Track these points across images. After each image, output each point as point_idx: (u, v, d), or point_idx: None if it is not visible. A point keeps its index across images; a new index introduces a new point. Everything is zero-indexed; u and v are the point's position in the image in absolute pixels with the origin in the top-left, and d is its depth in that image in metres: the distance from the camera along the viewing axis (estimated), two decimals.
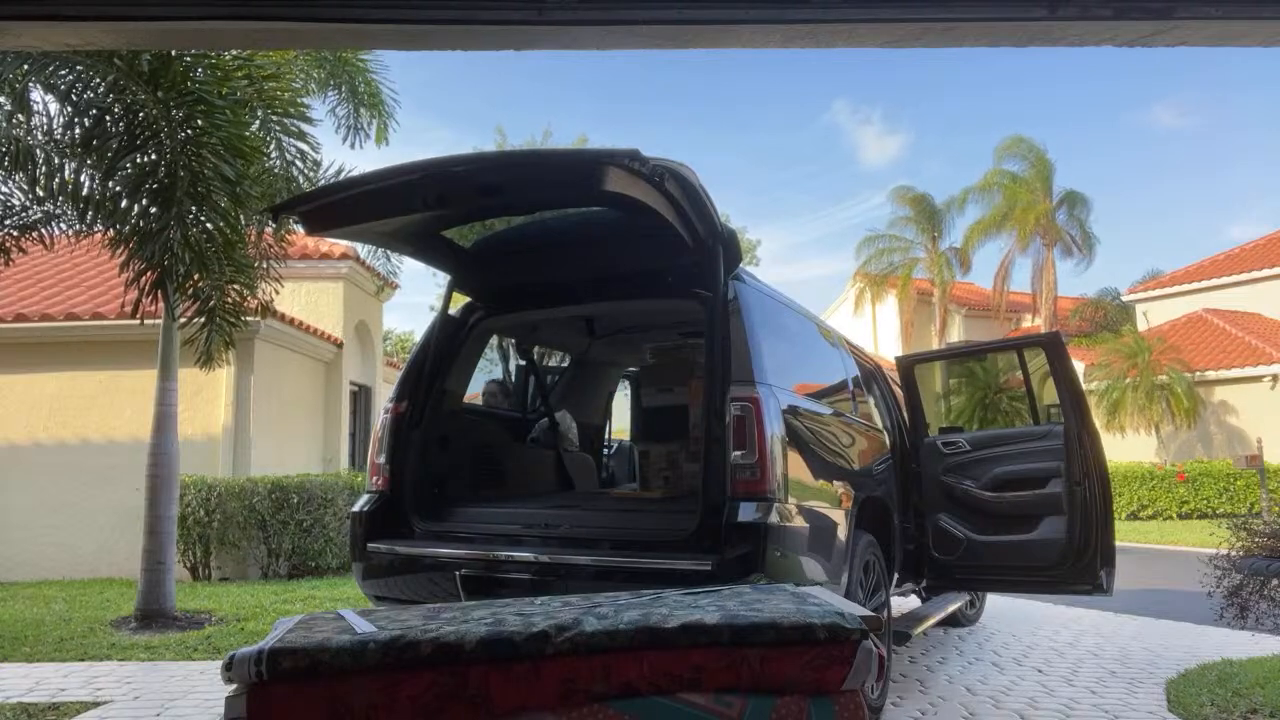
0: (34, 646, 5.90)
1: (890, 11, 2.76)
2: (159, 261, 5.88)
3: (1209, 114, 61.23)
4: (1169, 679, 5.12)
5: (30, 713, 4.38)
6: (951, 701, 4.68)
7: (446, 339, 4.62)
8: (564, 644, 2.02)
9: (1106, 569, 5.08)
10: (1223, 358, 21.29)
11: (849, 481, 4.32)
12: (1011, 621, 7.19)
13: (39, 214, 7.02)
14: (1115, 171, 58.65)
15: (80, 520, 9.61)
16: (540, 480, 5.61)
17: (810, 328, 4.89)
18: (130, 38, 3.17)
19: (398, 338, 33.70)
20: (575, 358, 6.49)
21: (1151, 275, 30.11)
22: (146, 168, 5.97)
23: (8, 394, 10.05)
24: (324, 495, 9.45)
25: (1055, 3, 2.71)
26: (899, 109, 63.46)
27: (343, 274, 12.87)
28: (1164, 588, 9.16)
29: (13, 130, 6.29)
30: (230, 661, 1.97)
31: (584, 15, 2.71)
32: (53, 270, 11.75)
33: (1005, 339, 20.55)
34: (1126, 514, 17.71)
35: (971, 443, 5.62)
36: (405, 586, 4.14)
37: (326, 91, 8.11)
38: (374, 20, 2.77)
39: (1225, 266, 25.60)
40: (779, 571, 3.43)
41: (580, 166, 3.70)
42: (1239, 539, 6.44)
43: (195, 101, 5.90)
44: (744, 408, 3.55)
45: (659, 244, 3.97)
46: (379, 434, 4.43)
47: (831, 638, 2.09)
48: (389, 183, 3.69)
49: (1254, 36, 2.92)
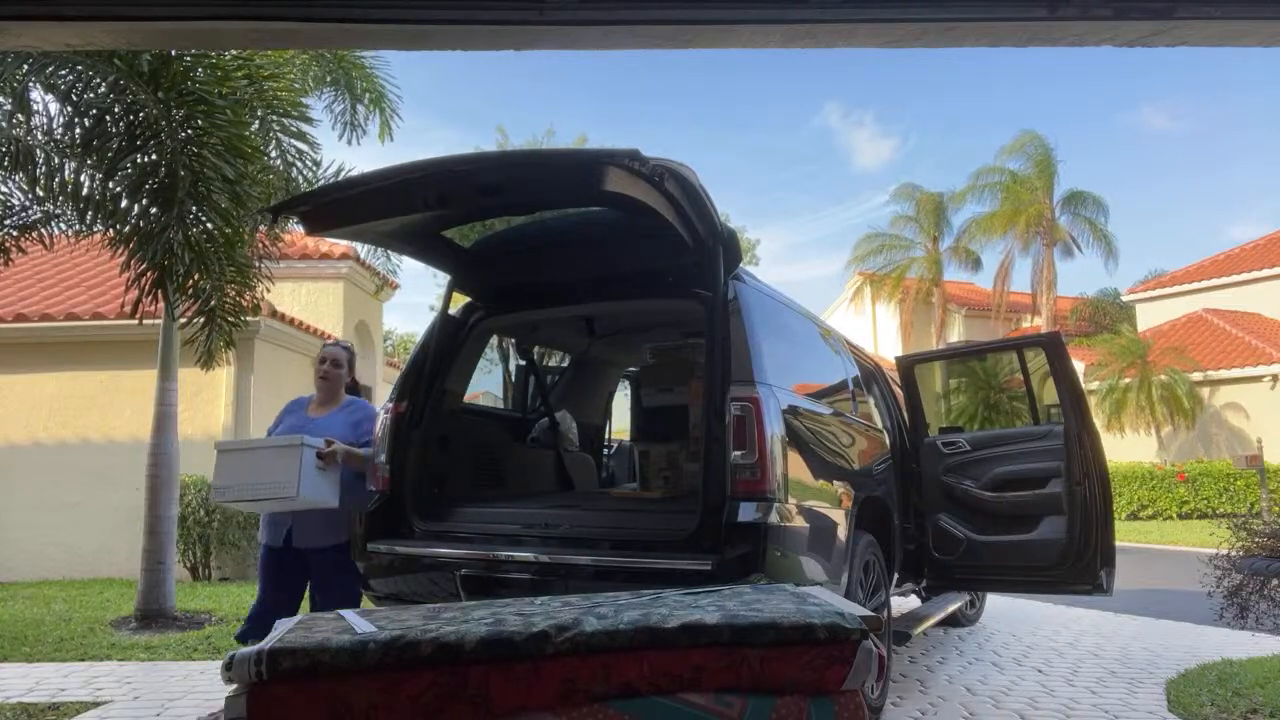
0: (34, 646, 5.90)
1: (890, 11, 2.75)
2: (159, 261, 5.88)
3: (1209, 114, 61.29)
4: (1169, 679, 5.12)
5: (30, 713, 4.38)
6: (951, 701, 4.68)
7: (446, 339, 4.62)
8: (564, 644, 2.02)
9: (1106, 569, 5.08)
10: (1223, 358, 21.29)
11: (849, 481, 4.32)
12: (1011, 621, 7.19)
13: (39, 214, 7.02)
14: (1115, 171, 58.75)
15: (80, 520, 9.61)
16: (540, 480, 5.61)
17: (810, 328, 4.89)
18: (130, 38, 3.17)
19: (399, 338, 33.70)
20: (575, 358, 6.49)
21: (1152, 275, 30.12)
22: (147, 168, 5.97)
23: (8, 394, 10.05)
24: None
25: (1055, 3, 2.71)
26: (894, 110, 63.59)
27: (343, 274, 12.87)
28: (1164, 588, 9.16)
29: (13, 130, 6.29)
30: (230, 661, 1.98)
31: (584, 15, 2.71)
32: (53, 270, 11.75)
33: (1005, 339, 20.58)
34: (1126, 514, 17.72)
35: (971, 443, 5.62)
36: (405, 586, 4.14)
37: (323, 89, 8.11)
38: (374, 20, 2.77)
39: (1225, 266, 25.60)
40: (779, 571, 3.42)
41: (580, 166, 3.70)
42: (1239, 539, 6.44)
43: (195, 101, 5.90)
44: (744, 408, 3.55)
45: (659, 244, 3.97)
46: (379, 434, 4.43)
47: (831, 638, 2.09)
48: (389, 183, 3.69)
49: (1254, 36, 2.92)
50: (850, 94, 62.99)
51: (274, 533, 4.32)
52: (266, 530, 4.38)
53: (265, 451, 4.15)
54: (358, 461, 4.29)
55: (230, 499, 4.21)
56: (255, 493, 4.06)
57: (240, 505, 4.52)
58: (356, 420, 4.46)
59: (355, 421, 4.45)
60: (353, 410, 4.53)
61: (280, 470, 4.00)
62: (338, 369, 4.52)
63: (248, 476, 4.08)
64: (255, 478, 4.05)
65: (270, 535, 4.35)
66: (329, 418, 4.41)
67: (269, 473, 4.03)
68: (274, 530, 4.33)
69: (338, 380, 4.54)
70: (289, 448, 4.06)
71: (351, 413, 4.51)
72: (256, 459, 4.13)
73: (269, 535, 4.35)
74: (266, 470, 4.04)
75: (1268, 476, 16.22)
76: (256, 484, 4.05)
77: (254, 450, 4.27)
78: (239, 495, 4.14)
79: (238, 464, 4.15)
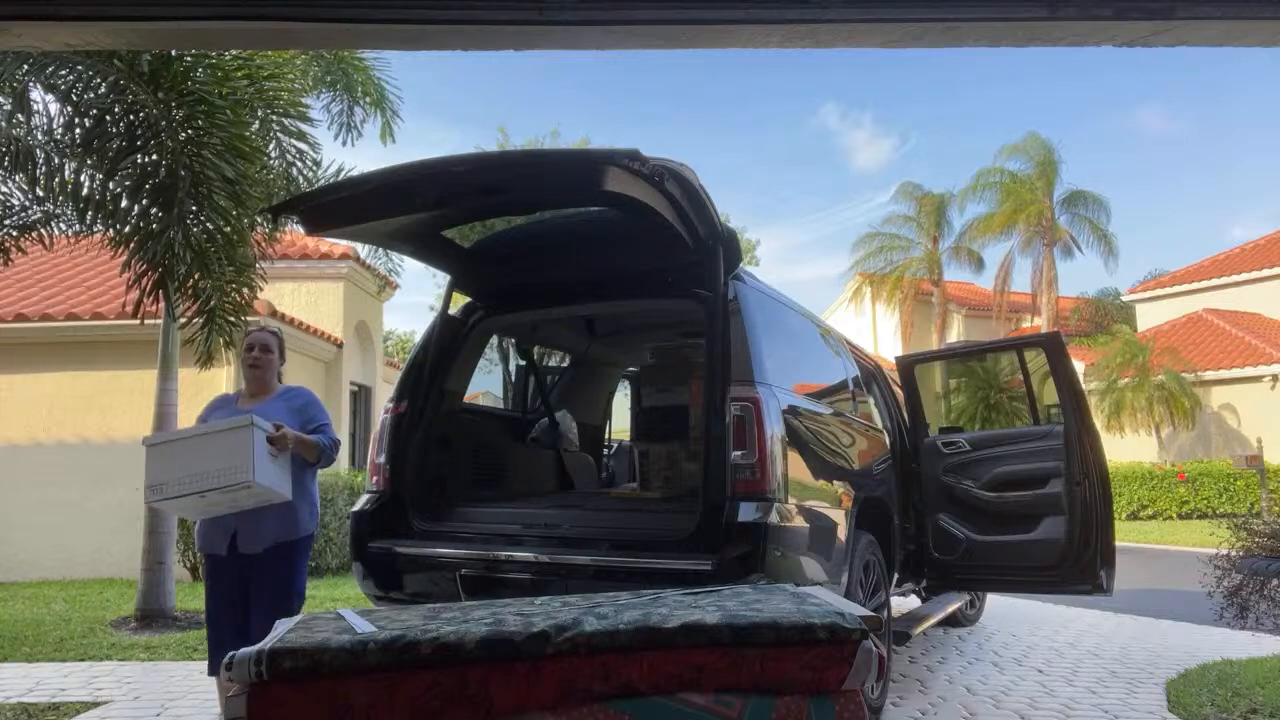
0: (34, 646, 5.90)
1: (890, 11, 2.75)
2: (160, 262, 5.88)
3: (1210, 113, 61.26)
4: (1169, 679, 5.12)
5: (30, 713, 4.38)
6: (951, 701, 4.68)
7: (446, 339, 4.62)
8: (564, 644, 2.02)
9: (1106, 569, 5.08)
10: (1223, 358, 21.30)
11: (849, 481, 4.32)
12: (1011, 621, 7.19)
13: (39, 214, 7.03)
14: (1115, 171, 58.77)
15: (80, 520, 9.61)
16: (540, 480, 5.61)
17: (810, 328, 4.89)
18: (130, 38, 3.17)
19: (399, 338, 33.67)
20: (575, 358, 6.49)
21: (1152, 275, 30.13)
22: (147, 168, 5.98)
23: (8, 394, 10.05)
24: (324, 495, 9.45)
25: (1055, 3, 2.71)
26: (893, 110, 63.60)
27: (343, 274, 12.88)
28: (1164, 588, 9.16)
29: (13, 130, 6.29)
30: (230, 661, 1.98)
31: (584, 15, 2.71)
32: (53, 270, 11.75)
33: (1005, 339, 20.57)
34: (1126, 514, 17.71)
35: (971, 443, 5.62)
36: (405, 586, 4.14)
37: (321, 89, 8.11)
38: (374, 20, 2.77)
39: (1225, 266, 25.60)
40: (779, 571, 3.43)
41: (580, 166, 3.70)
42: (1239, 539, 6.44)
43: (195, 102, 5.91)
44: (744, 408, 3.55)
45: (659, 244, 3.97)
46: (379, 434, 4.43)
47: (831, 638, 2.09)
48: (389, 183, 3.69)
49: (1254, 36, 2.92)
50: (850, 94, 63.10)
51: (216, 538, 3.79)
52: (205, 537, 3.84)
53: (209, 437, 3.58)
54: (309, 450, 3.82)
55: (169, 496, 3.55)
56: (200, 484, 3.47)
57: (178, 506, 3.73)
58: (299, 406, 3.98)
59: (298, 408, 3.96)
60: (292, 397, 4.04)
61: (230, 455, 3.46)
62: (268, 354, 4.02)
63: (189, 468, 3.49)
64: (199, 467, 3.48)
65: (211, 541, 3.81)
66: (266, 406, 3.91)
67: (216, 459, 3.47)
68: (215, 535, 3.79)
69: (269, 367, 4.03)
70: (238, 430, 3.52)
71: (291, 399, 4.02)
72: (198, 447, 3.56)
73: (209, 542, 3.82)
74: (212, 457, 3.48)
75: (1268, 476, 16.22)
76: (201, 474, 3.47)
77: (194, 438, 3.65)
78: (180, 490, 3.50)
79: (175, 456, 3.56)
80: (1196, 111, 62.59)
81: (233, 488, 3.47)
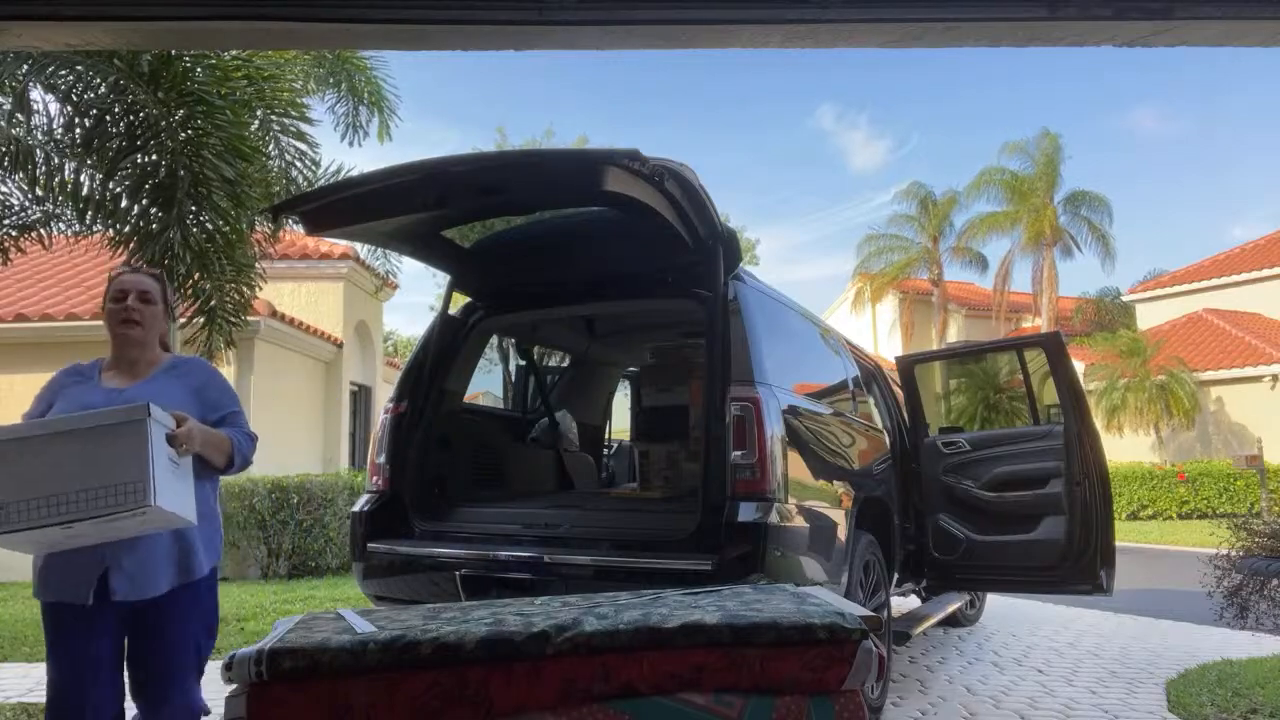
0: (34, 647, 5.90)
1: (890, 11, 2.76)
2: (160, 262, 5.88)
3: (1209, 114, 61.29)
4: (1169, 679, 5.12)
5: (30, 713, 4.38)
6: (951, 701, 4.68)
7: (446, 339, 4.62)
8: (564, 644, 2.02)
9: (1106, 569, 5.08)
10: (1223, 358, 21.30)
11: (849, 481, 4.32)
12: (1011, 621, 7.19)
13: (38, 214, 7.03)
14: (1115, 171, 58.75)
15: None
16: (540, 480, 5.61)
17: (810, 328, 4.89)
18: (130, 38, 3.17)
19: (399, 339, 33.66)
20: (575, 358, 6.49)
21: (1152, 275, 30.12)
22: (147, 168, 5.98)
23: (8, 394, 10.03)
24: (324, 495, 9.45)
25: (1055, 3, 2.71)
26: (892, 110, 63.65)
27: (343, 274, 12.89)
28: (1164, 588, 9.16)
29: (13, 130, 6.30)
30: (230, 661, 1.98)
31: (584, 15, 2.72)
32: (53, 270, 11.76)
33: (1005, 339, 20.55)
34: (1126, 514, 17.71)
35: (971, 443, 5.62)
36: (405, 586, 4.13)
37: (325, 90, 8.11)
38: (374, 20, 2.77)
39: (1225, 266, 25.60)
40: (779, 571, 3.43)
41: (580, 166, 3.70)
42: (1239, 539, 6.44)
43: (195, 102, 5.91)
44: (744, 408, 3.55)
45: (659, 244, 3.97)
46: (379, 434, 4.42)
47: (831, 638, 2.09)
48: (389, 183, 3.68)
49: (1254, 36, 2.93)
50: (849, 94, 63.10)
51: (74, 581, 2.51)
52: (56, 579, 2.55)
53: (78, 435, 2.29)
54: (218, 451, 2.63)
55: (12, 528, 2.25)
56: (64, 510, 2.22)
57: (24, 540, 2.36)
58: (198, 386, 2.74)
59: (196, 388, 2.73)
60: (185, 372, 2.78)
61: (113, 465, 2.25)
62: (149, 305, 2.72)
63: (46, 484, 2.24)
64: (61, 484, 2.24)
65: (64, 588, 2.53)
66: (150, 385, 2.65)
67: (91, 471, 2.25)
68: (73, 577, 2.51)
69: (151, 325, 2.73)
70: (128, 424, 2.30)
71: (185, 375, 2.76)
72: (61, 450, 2.28)
73: (62, 589, 2.54)
74: (85, 467, 2.26)
75: (1268, 476, 16.22)
76: (67, 495, 2.24)
77: (53, 436, 2.31)
78: (29, 519, 2.23)
79: (21, 464, 2.28)
80: (1196, 111, 62.61)
81: (117, 515, 2.25)
